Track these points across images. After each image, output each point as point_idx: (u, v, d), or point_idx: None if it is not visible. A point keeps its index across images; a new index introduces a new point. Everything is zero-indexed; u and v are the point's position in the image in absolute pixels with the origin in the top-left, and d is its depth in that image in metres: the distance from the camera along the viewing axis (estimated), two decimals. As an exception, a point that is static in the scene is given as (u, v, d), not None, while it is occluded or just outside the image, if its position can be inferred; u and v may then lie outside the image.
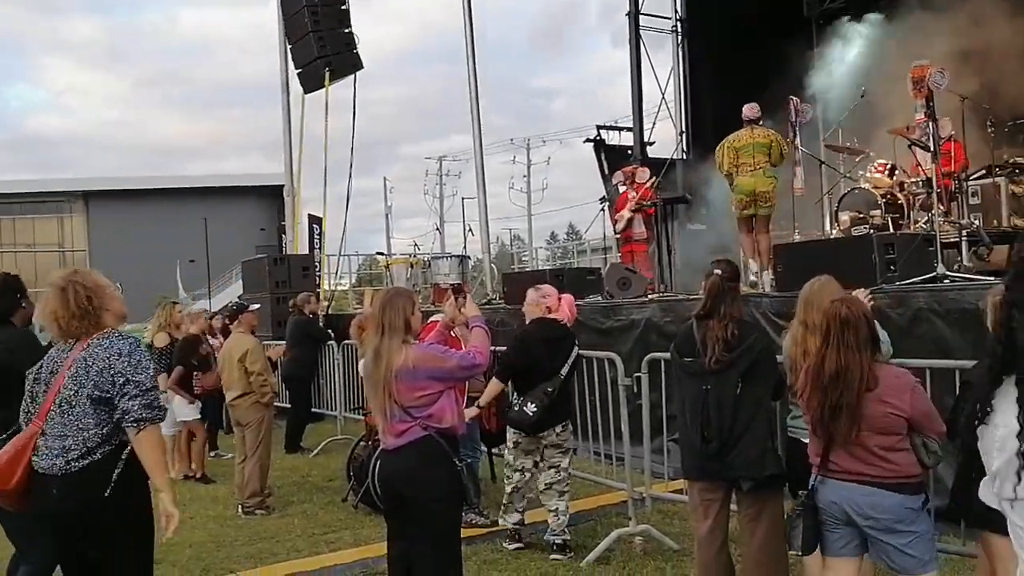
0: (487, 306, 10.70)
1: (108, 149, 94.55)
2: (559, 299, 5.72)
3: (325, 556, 5.81)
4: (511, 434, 5.62)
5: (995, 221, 8.53)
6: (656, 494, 6.23)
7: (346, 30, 13.76)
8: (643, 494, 6.11)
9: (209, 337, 9.27)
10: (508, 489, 5.67)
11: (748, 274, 8.88)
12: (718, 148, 9.13)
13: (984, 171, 8.85)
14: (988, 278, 6.35)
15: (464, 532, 5.70)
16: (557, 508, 5.52)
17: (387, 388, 3.84)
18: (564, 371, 5.45)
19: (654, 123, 16.07)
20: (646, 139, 15.73)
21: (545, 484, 5.57)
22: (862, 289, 4.39)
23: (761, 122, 8.93)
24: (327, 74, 13.47)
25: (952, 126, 8.12)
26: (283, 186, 15.46)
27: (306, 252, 15.26)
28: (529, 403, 5.35)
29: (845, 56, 12.42)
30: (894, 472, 3.36)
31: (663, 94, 15.90)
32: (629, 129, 16.47)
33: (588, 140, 17.38)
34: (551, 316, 5.63)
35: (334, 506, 7.06)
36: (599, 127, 17.48)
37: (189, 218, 36.80)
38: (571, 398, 5.84)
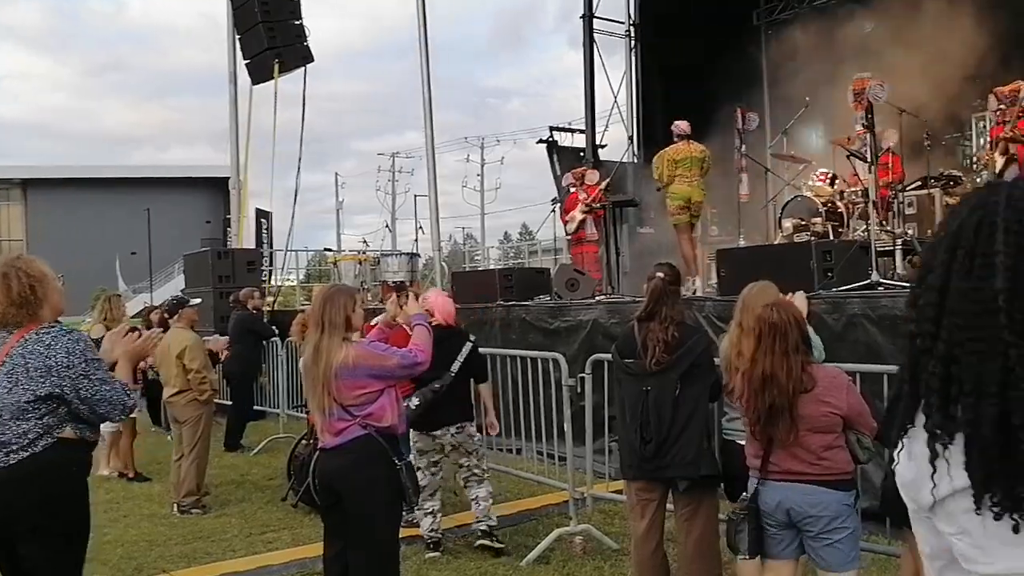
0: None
1: (50, 136, 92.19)
2: (439, 299, 5.71)
3: (262, 556, 5.73)
4: (411, 435, 5.58)
5: (929, 231, 8.76)
6: (597, 494, 6.28)
7: (297, 22, 13.58)
8: (584, 494, 6.15)
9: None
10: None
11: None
12: (656, 158, 9.41)
13: (920, 182, 9.11)
14: (920, 286, 6.54)
15: (404, 532, 5.71)
16: (477, 496, 5.56)
17: (326, 386, 3.81)
18: (455, 368, 5.41)
19: (606, 126, 16.20)
20: (598, 142, 15.85)
21: (462, 479, 5.65)
22: (801, 292, 4.48)
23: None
24: (276, 66, 13.27)
25: (891, 137, 8.34)
26: (229, 178, 15.20)
27: (252, 246, 15.03)
28: (414, 398, 5.33)
29: (792, 66, 12.65)
30: (832, 470, 3.46)
31: (615, 97, 16.04)
32: (582, 131, 16.58)
33: (541, 141, 17.43)
34: (433, 319, 5.62)
35: (273, 505, 6.97)
36: (552, 128, 17.55)
37: (131, 209, 36.05)
38: (468, 399, 5.67)
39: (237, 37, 14.14)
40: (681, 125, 9.31)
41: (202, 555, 5.81)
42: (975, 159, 10.57)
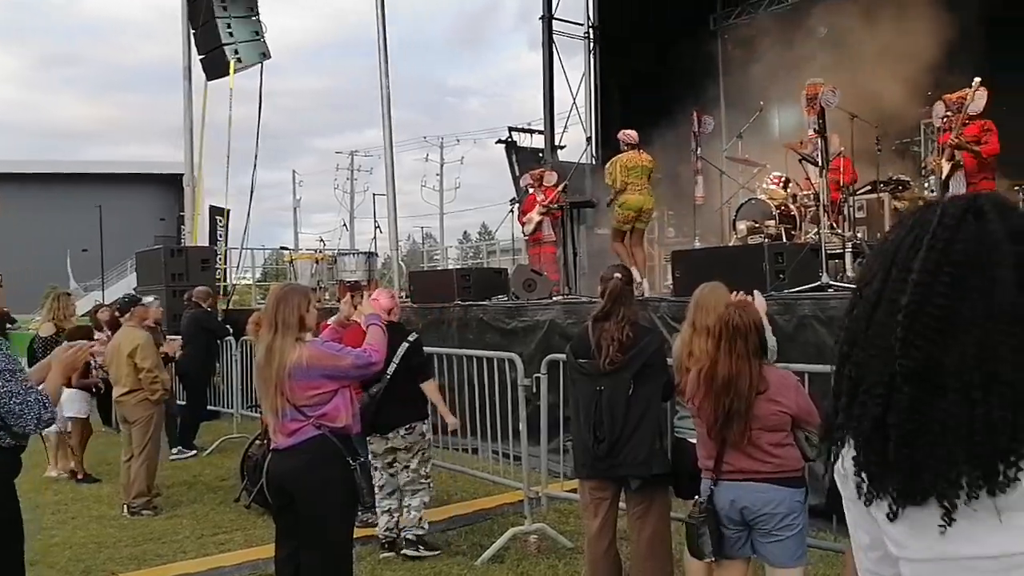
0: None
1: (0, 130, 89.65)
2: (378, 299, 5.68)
3: (213, 557, 5.66)
4: (369, 437, 5.59)
5: (878, 234, 8.97)
6: (552, 493, 6.32)
7: (254, 17, 13.43)
8: (539, 493, 6.18)
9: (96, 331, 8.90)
10: (376, 489, 5.69)
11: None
12: (610, 164, 9.54)
13: (870, 187, 9.31)
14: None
15: (358, 532, 5.68)
16: (410, 504, 5.55)
17: (279, 386, 3.78)
18: (391, 371, 5.35)
19: (565, 127, 16.29)
20: (557, 143, 15.92)
21: (404, 483, 5.62)
22: (758, 292, 4.53)
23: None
24: (232, 62, 13.10)
25: (840, 142, 8.51)
26: (183, 175, 14.96)
27: (206, 244, 14.81)
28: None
29: (747, 71, 12.85)
30: (783, 467, 3.53)
31: (574, 99, 16.14)
32: (541, 132, 16.63)
33: (500, 141, 17.47)
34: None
35: (226, 507, 6.88)
36: (511, 129, 17.59)
37: (83, 205, 35.30)
38: (416, 399, 5.62)
39: (192, 32, 13.93)
40: (630, 134, 9.51)
41: (152, 557, 5.72)
42: (924, 164, 10.82)
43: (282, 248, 17.66)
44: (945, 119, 7.59)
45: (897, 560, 1.19)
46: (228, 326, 10.60)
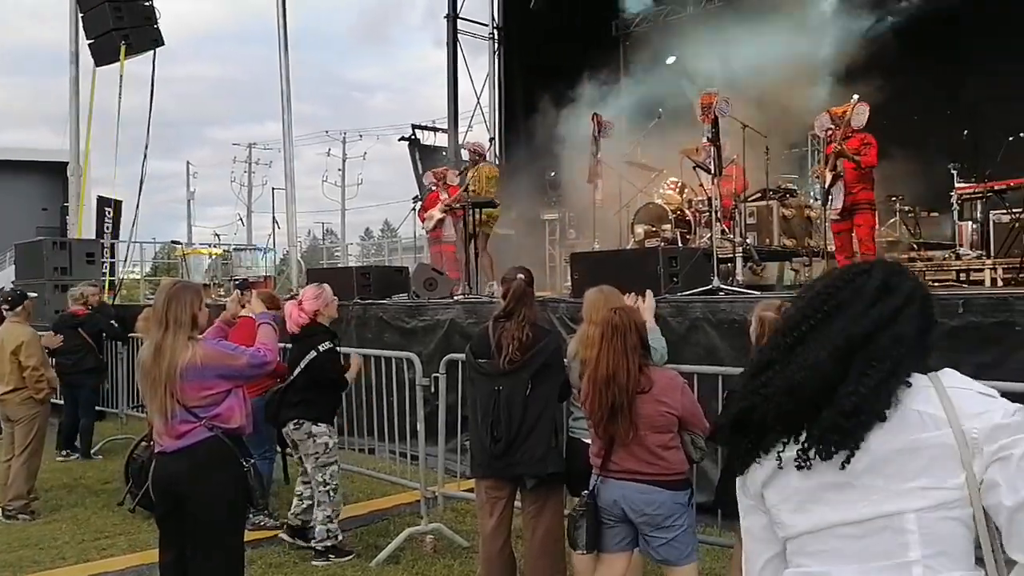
0: (291, 301, 10.40)
1: None
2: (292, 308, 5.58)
3: (95, 563, 5.44)
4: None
5: (767, 240, 9.37)
6: (449, 492, 6.33)
7: (146, 3, 12.89)
8: (436, 493, 6.19)
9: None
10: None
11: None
12: (474, 171, 10.28)
13: (760, 194, 9.70)
14: (755, 292, 6.98)
15: (251, 535, 5.58)
16: (316, 518, 5.44)
17: (169, 387, 3.67)
18: (295, 373, 5.33)
19: (469, 126, 16.33)
20: (461, 142, 15.94)
21: (309, 494, 5.56)
22: (649, 292, 4.64)
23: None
24: (123, 48, 12.56)
25: (729, 150, 8.80)
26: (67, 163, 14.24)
27: (92, 237, 14.15)
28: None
29: (647, 77, 13.18)
30: (667, 470, 3.63)
31: (478, 99, 16.20)
32: (445, 130, 16.63)
33: (403, 139, 17.38)
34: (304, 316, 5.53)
35: (109, 510, 6.61)
36: (414, 126, 17.53)
37: (-42, 193, 33.08)
38: (311, 398, 5.46)
39: (80, 15, 13.29)
40: (484, 145, 10.42)
41: (29, 563, 5.45)
42: (813, 173, 11.34)
43: (174, 242, 17.05)
44: (829, 131, 7.97)
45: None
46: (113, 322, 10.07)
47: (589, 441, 3.93)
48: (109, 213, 14.75)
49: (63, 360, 8.37)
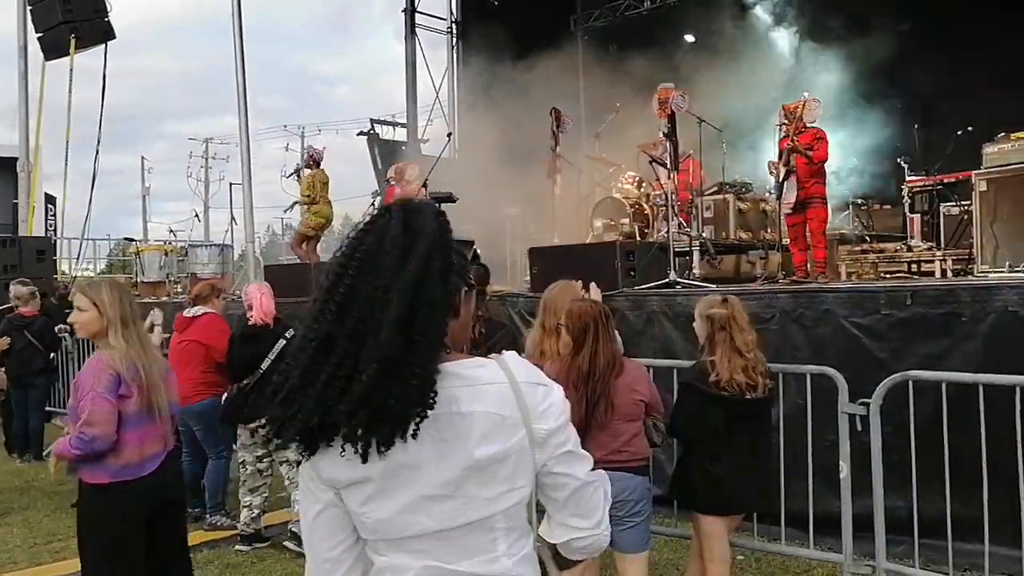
0: (256, 288, 10.29)
1: None
2: (260, 296, 5.58)
3: (47, 567, 5.34)
4: (239, 429, 5.53)
5: (724, 233, 9.47)
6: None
7: (97, -5, 12.63)
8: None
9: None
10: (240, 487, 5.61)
11: None
12: (309, 178, 10.78)
13: (716, 188, 9.80)
14: (711, 285, 7.06)
15: (208, 535, 5.54)
16: (250, 503, 5.51)
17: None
18: (264, 365, 5.27)
19: (429, 120, 16.27)
20: (420, 136, 15.87)
21: (242, 480, 5.57)
22: (593, 285, 4.64)
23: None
24: (72, 41, 12.27)
25: (684, 144, 8.88)
26: (17, 159, 13.90)
27: (43, 235, 13.84)
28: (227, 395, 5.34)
29: (605, 72, 13.23)
30: (636, 455, 3.70)
31: (437, 93, 16.14)
32: (404, 125, 16.55)
33: (361, 133, 17.24)
34: (249, 315, 5.52)
35: (62, 512, 6.46)
36: (373, 121, 17.41)
37: (-99, 189, 32.09)
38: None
39: (28, 8, 12.96)
40: (320, 150, 11.03)
41: (-23, 569, 5.33)
42: (769, 167, 11.49)
43: (127, 239, 16.70)
44: (783, 126, 8.07)
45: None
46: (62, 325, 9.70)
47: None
48: (52, 210, 14.36)
49: (11, 362, 8.18)
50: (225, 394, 5.57)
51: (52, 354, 8.96)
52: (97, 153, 12.60)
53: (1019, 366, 4.23)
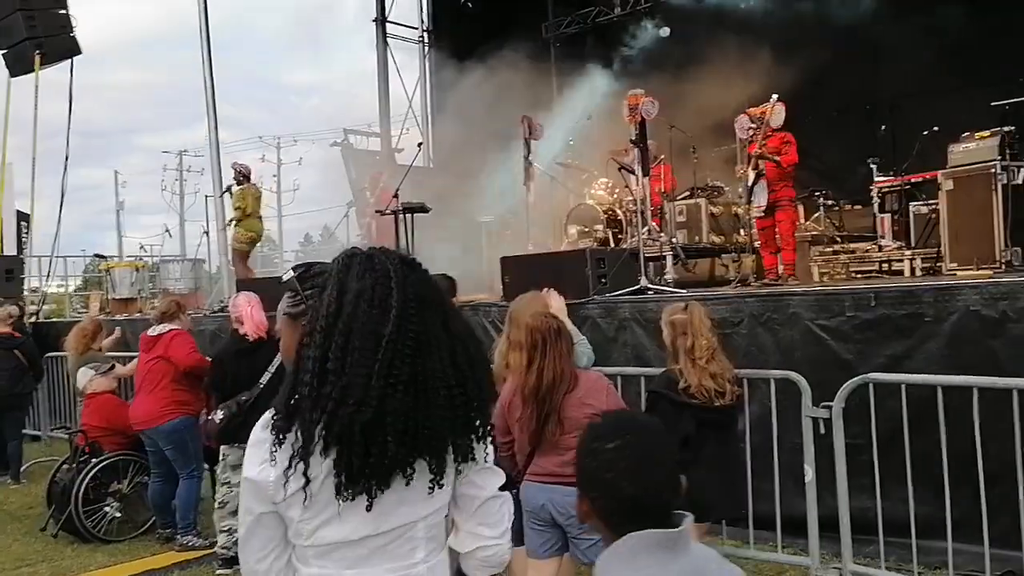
0: (221, 314, 10.20)
1: None
2: (250, 309, 5.50)
3: (15, 593, 5.27)
4: (223, 449, 5.36)
5: (697, 238, 9.52)
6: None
7: (61, 11, 12.49)
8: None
9: None
10: (216, 505, 5.44)
11: None
12: (241, 192, 10.75)
13: (688, 192, 9.85)
14: (680, 291, 7.09)
15: (180, 555, 5.49)
16: (230, 527, 5.27)
17: None
18: (264, 380, 5.15)
19: (402, 130, 16.23)
20: (394, 146, 15.83)
21: (219, 502, 5.40)
22: (554, 292, 4.61)
23: None
24: (38, 58, 12.16)
25: (656, 150, 8.92)
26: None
27: (14, 253, 13.65)
28: (219, 411, 5.13)
29: (577, 80, 13.27)
30: None
31: (410, 102, 16.11)
32: (377, 135, 16.51)
33: (335, 144, 17.21)
34: (241, 330, 5.43)
35: (32, 536, 6.38)
36: (346, 131, 17.38)
37: None
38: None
39: (-8, 25, 12.83)
40: (250, 167, 10.97)
41: (-56, 597, 5.25)
42: (737, 172, 11.57)
43: (97, 256, 16.52)
44: (750, 131, 8.12)
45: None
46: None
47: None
48: (25, 227, 14.18)
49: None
50: (203, 412, 5.47)
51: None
52: (65, 169, 12.51)
53: (982, 365, 4.28)
